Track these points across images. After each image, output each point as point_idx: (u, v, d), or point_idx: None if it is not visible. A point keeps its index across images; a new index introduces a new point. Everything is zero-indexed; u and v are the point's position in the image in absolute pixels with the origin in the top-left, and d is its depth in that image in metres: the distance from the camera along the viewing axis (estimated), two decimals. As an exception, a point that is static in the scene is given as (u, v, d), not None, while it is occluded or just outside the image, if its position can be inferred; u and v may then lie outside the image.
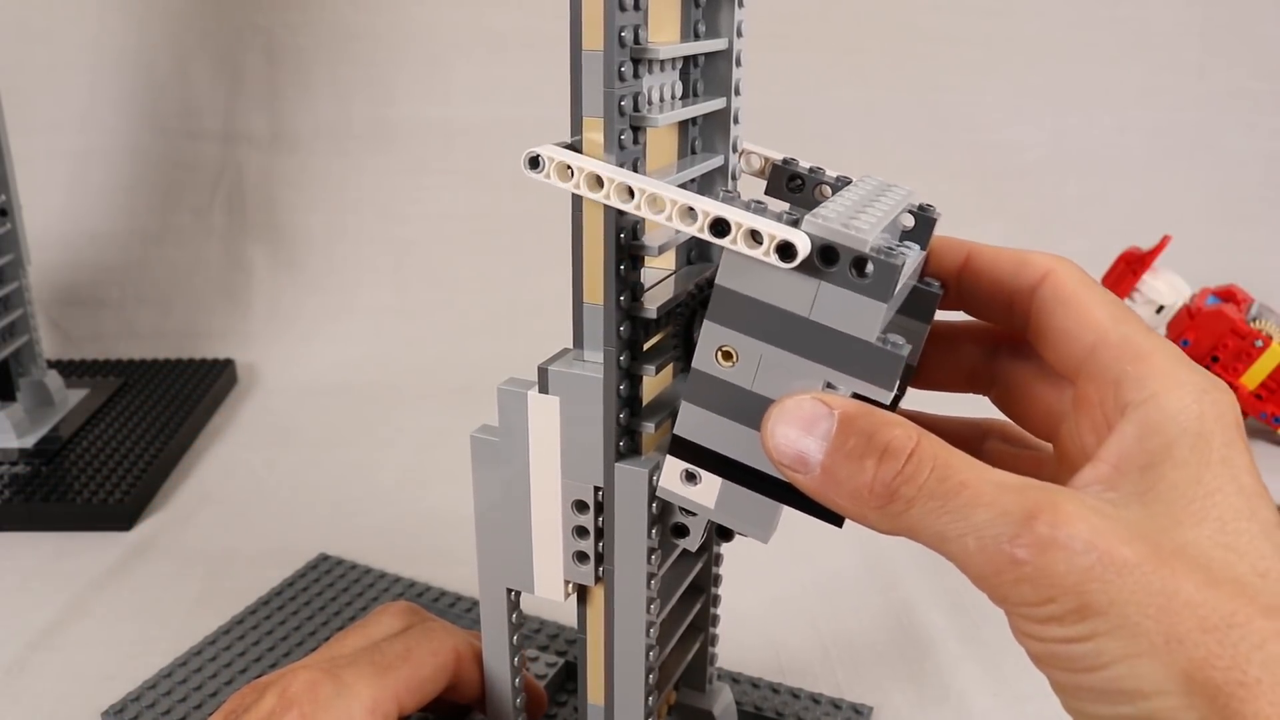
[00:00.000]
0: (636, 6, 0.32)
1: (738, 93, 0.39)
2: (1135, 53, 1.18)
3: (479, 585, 0.40)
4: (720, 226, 0.30)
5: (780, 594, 0.63)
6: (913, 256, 0.30)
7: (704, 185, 0.40)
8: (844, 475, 0.29)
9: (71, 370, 0.95)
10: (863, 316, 0.29)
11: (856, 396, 0.31)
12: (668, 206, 0.31)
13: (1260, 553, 0.27)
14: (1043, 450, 0.36)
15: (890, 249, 0.29)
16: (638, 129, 0.34)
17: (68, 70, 1.08)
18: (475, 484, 0.39)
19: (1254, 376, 0.85)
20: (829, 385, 0.31)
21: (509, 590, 0.40)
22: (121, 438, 0.81)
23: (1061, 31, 1.17)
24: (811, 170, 0.37)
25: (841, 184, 0.37)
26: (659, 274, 0.40)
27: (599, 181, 0.32)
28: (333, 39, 1.08)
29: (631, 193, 0.32)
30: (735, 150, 0.40)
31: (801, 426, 0.29)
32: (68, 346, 1.04)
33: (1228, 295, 0.89)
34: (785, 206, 0.37)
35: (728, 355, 0.31)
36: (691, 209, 0.30)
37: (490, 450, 0.38)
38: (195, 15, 1.08)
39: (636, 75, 0.33)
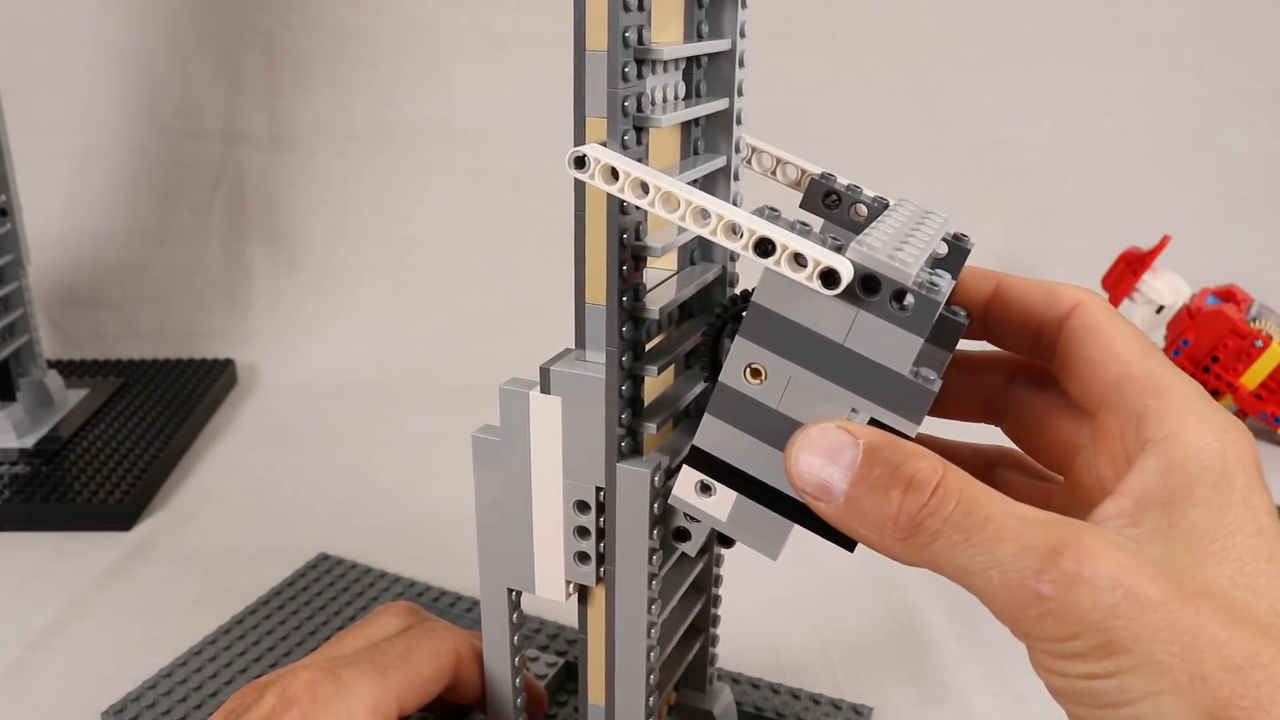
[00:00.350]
0: (640, 7, 0.32)
1: (740, 93, 0.39)
2: (1135, 53, 1.18)
3: (480, 585, 0.40)
4: (765, 246, 0.30)
5: (780, 594, 0.63)
6: (946, 287, 0.30)
7: (706, 186, 0.40)
8: (868, 506, 0.29)
9: (71, 370, 0.95)
10: (898, 348, 0.29)
11: (879, 425, 0.31)
12: (713, 220, 0.31)
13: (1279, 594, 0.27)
14: (1053, 481, 0.36)
15: (932, 284, 0.29)
16: (641, 129, 0.34)
17: (68, 70, 1.08)
18: (476, 484, 0.39)
19: (1254, 376, 0.85)
20: (855, 412, 0.31)
21: (510, 590, 0.40)
22: (121, 438, 0.81)
23: (1061, 31, 1.17)
24: (849, 188, 0.37)
25: (878, 204, 0.37)
26: (660, 274, 0.40)
27: (644, 188, 0.32)
28: (333, 39, 1.08)
29: (678, 202, 0.31)
30: (737, 150, 0.40)
31: (826, 455, 0.29)
32: (68, 346, 1.04)
33: (1228, 295, 0.89)
34: (821, 223, 0.37)
35: (756, 373, 0.31)
36: (736, 225, 0.30)
37: (491, 450, 0.38)
38: (195, 15, 1.08)
39: (640, 76, 0.33)
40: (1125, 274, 0.92)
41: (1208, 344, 0.87)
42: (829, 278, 0.29)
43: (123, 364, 0.97)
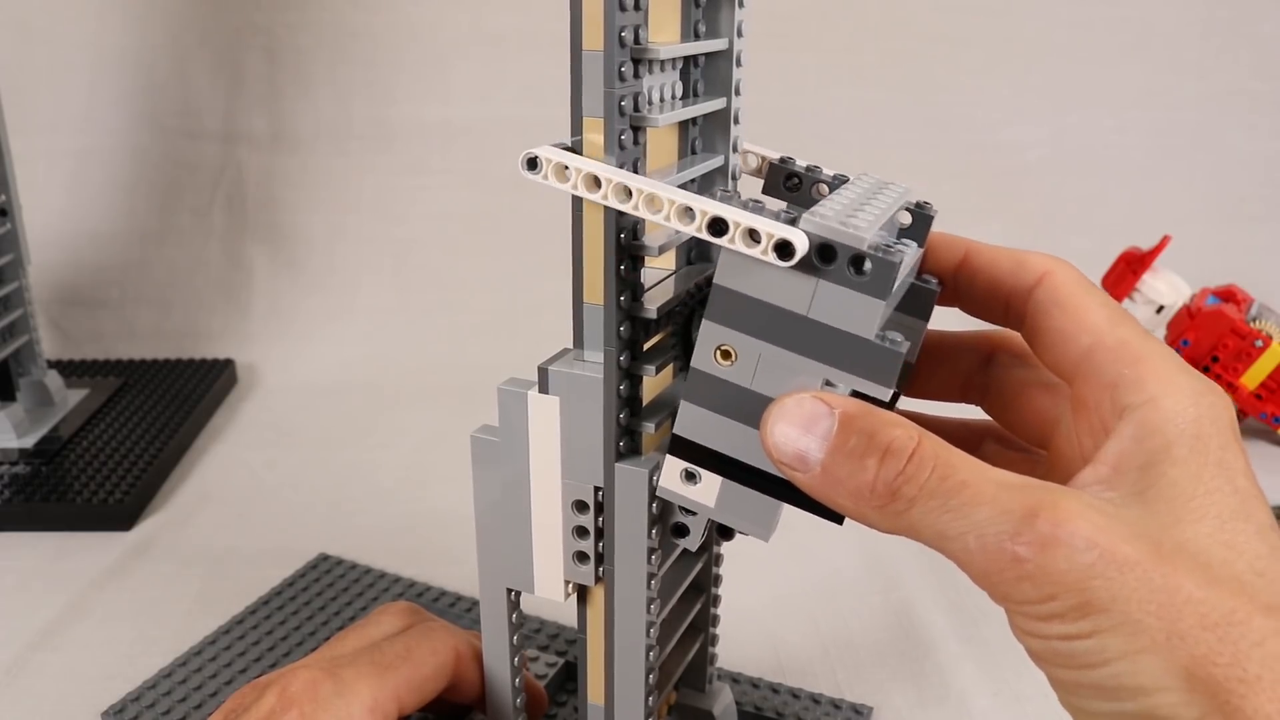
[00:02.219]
0: (637, 6, 0.32)
1: (738, 93, 0.39)
2: (1135, 53, 1.18)
3: (479, 585, 0.40)
4: (718, 226, 0.30)
5: (780, 594, 0.63)
6: (910, 254, 0.31)
7: (704, 185, 0.40)
8: (845, 474, 0.29)
9: (71, 370, 0.95)
10: (861, 314, 0.29)
11: (856, 394, 0.31)
12: (665, 206, 0.31)
13: (1257, 552, 0.27)
14: (1037, 455, 0.37)
15: (888, 246, 0.29)
16: (638, 129, 0.34)
17: (68, 70, 1.08)
18: (475, 484, 0.39)
19: (1254, 376, 0.85)
20: (828, 383, 0.31)
21: (509, 590, 0.40)
22: (121, 438, 0.81)
23: (1061, 31, 1.17)
24: (808, 169, 0.37)
25: (839, 182, 0.37)
26: (659, 274, 0.40)
27: (596, 182, 0.32)
28: (333, 39, 1.08)
29: (629, 193, 0.32)
30: (735, 150, 0.40)
31: (801, 425, 0.29)
32: (68, 346, 1.04)
33: (1228, 295, 0.89)
34: (783, 205, 0.37)
35: (726, 354, 0.31)
36: (689, 209, 0.31)
37: (490, 450, 0.38)
38: (195, 15, 1.08)
39: (637, 75, 0.33)
40: (1125, 274, 0.92)
41: (1208, 344, 0.86)
42: (784, 250, 0.29)
43: (123, 364, 0.97)
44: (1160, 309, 0.91)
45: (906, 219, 0.35)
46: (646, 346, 0.37)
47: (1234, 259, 1.11)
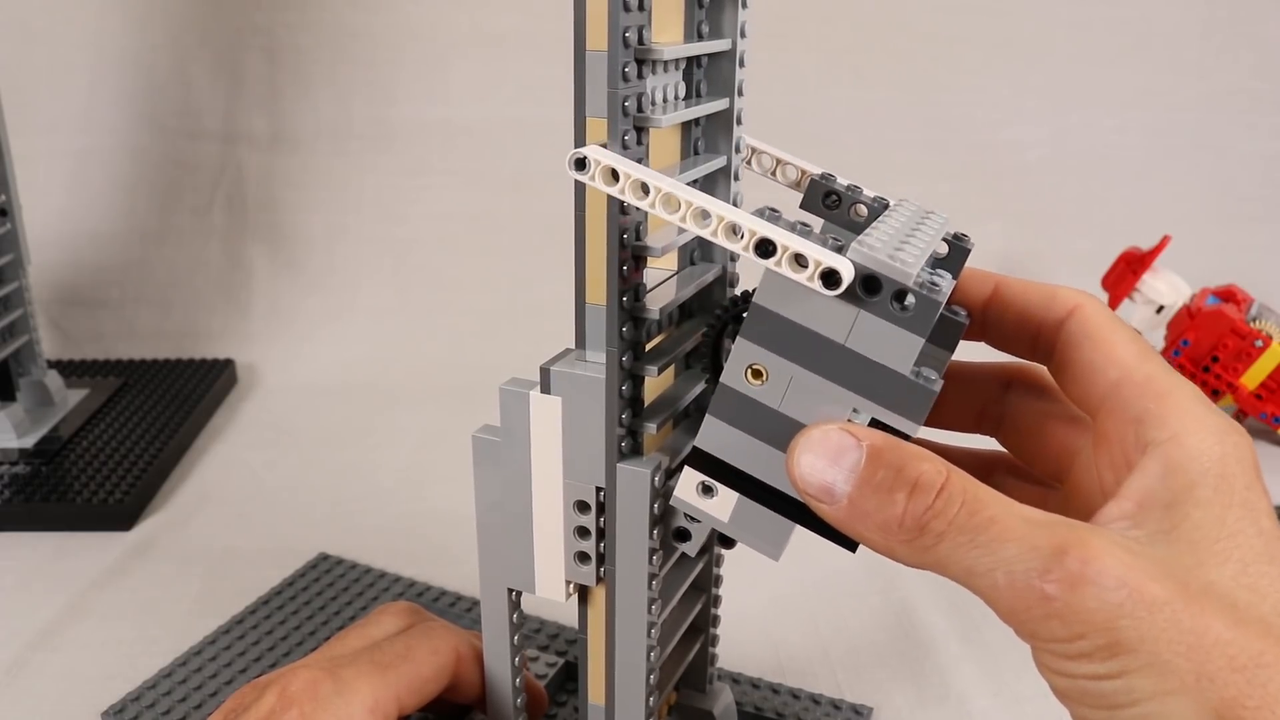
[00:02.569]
0: (640, 7, 0.32)
1: (740, 93, 0.39)
2: (1135, 53, 1.18)
3: (480, 585, 0.40)
4: (766, 247, 0.30)
5: (780, 594, 0.63)
6: (947, 287, 0.30)
7: (706, 186, 0.40)
8: (872, 507, 0.29)
9: (71, 370, 0.95)
10: (899, 348, 0.29)
11: (879, 425, 0.31)
12: (714, 221, 0.31)
13: None
14: (1051, 488, 0.36)
15: (933, 284, 0.29)
16: (641, 130, 0.34)
17: (68, 70, 1.08)
18: (476, 484, 0.39)
19: (1254, 376, 0.85)
20: (856, 412, 0.31)
21: (510, 590, 0.40)
22: (121, 438, 0.81)
23: (1061, 31, 1.17)
24: (849, 188, 0.37)
25: (878, 205, 0.37)
26: (660, 274, 0.40)
27: (644, 189, 0.32)
28: (333, 39, 1.08)
29: (678, 205, 0.31)
30: (737, 150, 0.40)
31: (829, 456, 0.29)
32: (68, 346, 1.04)
33: (1228, 295, 0.89)
34: (821, 224, 0.37)
35: (758, 374, 0.31)
36: (737, 226, 0.30)
37: (492, 450, 0.38)
38: (195, 15, 1.08)
39: (640, 76, 0.33)
40: (1125, 274, 0.92)
41: (1208, 344, 0.87)
42: (830, 278, 0.29)
43: (123, 364, 0.97)
44: (1160, 309, 0.91)
45: (943, 249, 0.35)
46: (648, 347, 0.37)
47: (1234, 259, 1.11)
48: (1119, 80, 1.18)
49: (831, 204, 0.37)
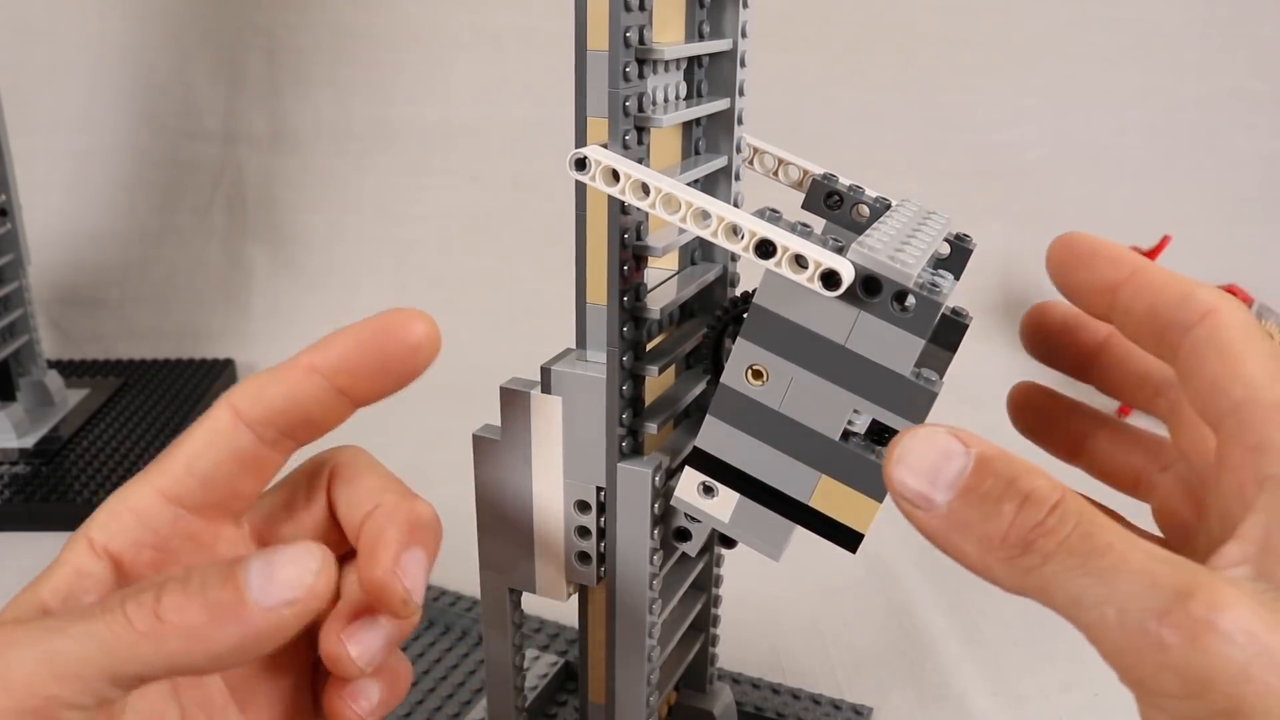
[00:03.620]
0: (641, 7, 0.32)
1: (742, 93, 0.39)
2: (1135, 53, 1.18)
3: (480, 585, 0.40)
4: (766, 248, 0.30)
5: (780, 594, 0.63)
6: (948, 288, 0.30)
7: (707, 186, 0.40)
8: (975, 518, 0.26)
9: (71, 370, 0.95)
10: (899, 350, 0.29)
11: (880, 426, 0.31)
12: (714, 222, 0.31)
13: None
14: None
15: (933, 285, 0.29)
16: (642, 130, 0.34)
17: (68, 70, 1.08)
18: (477, 483, 0.39)
19: (1254, 377, 0.84)
20: (857, 413, 0.31)
21: (510, 590, 0.40)
22: (121, 438, 0.81)
23: (1061, 31, 1.17)
24: (851, 189, 0.37)
25: (880, 205, 0.37)
26: (660, 274, 0.40)
27: (645, 189, 0.32)
28: (333, 39, 1.08)
29: (679, 205, 0.31)
30: (738, 150, 0.40)
31: (932, 461, 0.26)
32: (68, 346, 1.04)
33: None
34: (822, 224, 0.37)
35: (758, 374, 0.31)
36: (737, 228, 0.30)
37: (492, 449, 0.38)
38: (195, 15, 1.08)
39: (641, 76, 0.33)
40: (1125, 274, 0.92)
41: (1208, 344, 0.86)
42: (830, 279, 0.29)
43: (123, 364, 0.97)
44: (1160, 309, 0.91)
45: (945, 250, 0.35)
46: (649, 347, 0.37)
47: (1234, 259, 1.11)
48: (1119, 80, 1.18)
49: (833, 204, 0.37)
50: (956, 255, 0.35)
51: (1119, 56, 1.18)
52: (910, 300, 0.29)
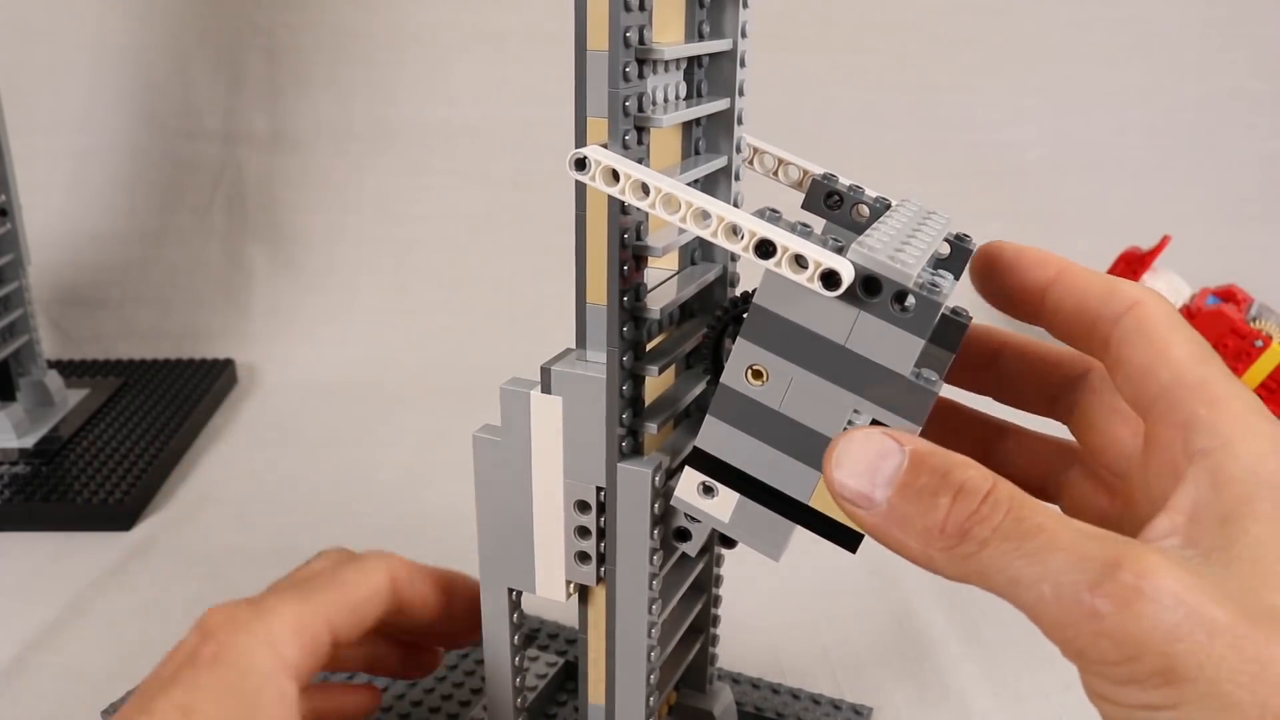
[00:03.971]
0: (641, 7, 0.32)
1: (741, 93, 0.39)
2: (1135, 53, 1.18)
3: (480, 585, 0.40)
4: (765, 248, 0.30)
5: (780, 594, 0.63)
6: (948, 288, 0.30)
7: (707, 186, 0.40)
8: (913, 513, 0.27)
9: (71, 370, 0.95)
10: (899, 350, 0.29)
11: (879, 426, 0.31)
12: (714, 222, 0.31)
13: None
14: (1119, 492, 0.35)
15: (933, 285, 0.29)
16: (642, 130, 0.34)
17: (68, 70, 1.08)
18: (477, 483, 0.39)
19: (1254, 376, 0.85)
20: (857, 413, 0.31)
21: (510, 590, 0.40)
22: (121, 438, 0.81)
23: (1061, 31, 1.17)
24: (851, 189, 0.37)
25: (880, 205, 0.36)
26: (660, 274, 0.40)
27: (645, 189, 0.32)
28: (333, 39, 1.08)
29: (679, 205, 0.31)
30: (738, 150, 0.40)
31: (869, 461, 0.28)
32: (68, 346, 1.04)
33: (1228, 295, 0.89)
34: (822, 224, 0.37)
35: (758, 374, 0.31)
36: (737, 228, 0.30)
37: (492, 450, 0.38)
38: (195, 15, 1.08)
39: (641, 76, 0.33)
40: (1125, 274, 0.92)
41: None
42: (830, 279, 0.29)
43: (123, 364, 0.97)
44: (1160, 309, 0.91)
45: (945, 250, 0.35)
46: (649, 347, 0.37)
47: (1234, 259, 1.11)
48: (1119, 80, 1.18)
49: (833, 204, 0.37)
50: (956, 255, 0.35)
51: (1119, 56, 1.18)
52: (910, 300, 0.29)
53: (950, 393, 0.36)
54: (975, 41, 1.15)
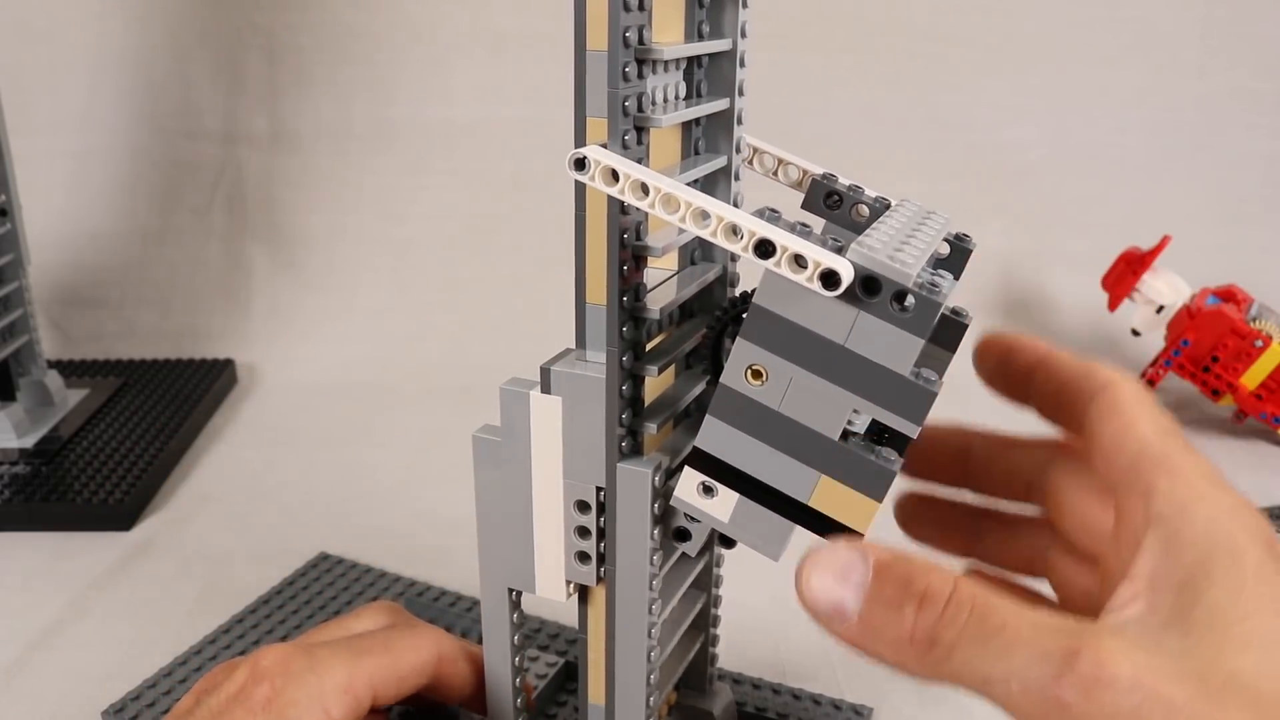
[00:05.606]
0: (641, 7, 0.32)
1: (741, 93, 0.39)
2: (1135, 53, 1.18)
3: (480, 585, 0.40)
4: (765, 248, 0.30)
5: (780, 594, 0.63)
6: (948, 288, 0.30)
7: (707, 186, 0.40)
8: (882, 624, 0.28)
9: (71, 370, 0.95)
10: (899, 349, 0.29)
11: (879, 426, 0.31)
12: (713, 222, 0.31)
13: None
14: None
15: (933, 285, 0.29)
16: (641, 130, 0.34)
17: (68, 70, 1.08)
18: (477, 484, 0.39)
19: (1254, 376, 0.85)
20: (856, 413, 0.31)
21: (510, 590, 0.40)
22: (121, 438, 0.81)
23: (1061, 31, 1.17)
24: (851, 189, 0.37)
25: (880, 205, 0.36)
26: (661, 274, 0.40)
27: (644, 189, 0.32)
28: (333, 39, 1.08)
29: (678, 205, 0.31)
30: (738, 150, 0.40)
31: (836, 574, 0.29)
32: (68, 346, 1.04)
33: (1228, 295, 0.89)
34: (822, 224, 0.37)
35: (758, 374, 0.31)
36: (737, 228, 0.30)
37: (492, 450, 0.38)
38: (195, 15, 1.08)
39: (640, 76, 0.33)
40: (1125, 274, 0.92)
41: (1208, 344, 0.87)
42: (829, 279, 0.29)
43: (123, 364, 0.97)
44: (1160, 309, 0.91)
45: (944, 250, 0.35)
46: (649, 346, 0.37)
47: (1234, 259, 1.11)
48: (1119, 80, 1.18)
49: (833, 204, 0.37)
50: (956, 255, 0.35)
51: (1119, 56, 1.18)
52: (910, 300, 0.29)
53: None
54: (975, 41, 1.15)
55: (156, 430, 0.82)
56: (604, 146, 0.33)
